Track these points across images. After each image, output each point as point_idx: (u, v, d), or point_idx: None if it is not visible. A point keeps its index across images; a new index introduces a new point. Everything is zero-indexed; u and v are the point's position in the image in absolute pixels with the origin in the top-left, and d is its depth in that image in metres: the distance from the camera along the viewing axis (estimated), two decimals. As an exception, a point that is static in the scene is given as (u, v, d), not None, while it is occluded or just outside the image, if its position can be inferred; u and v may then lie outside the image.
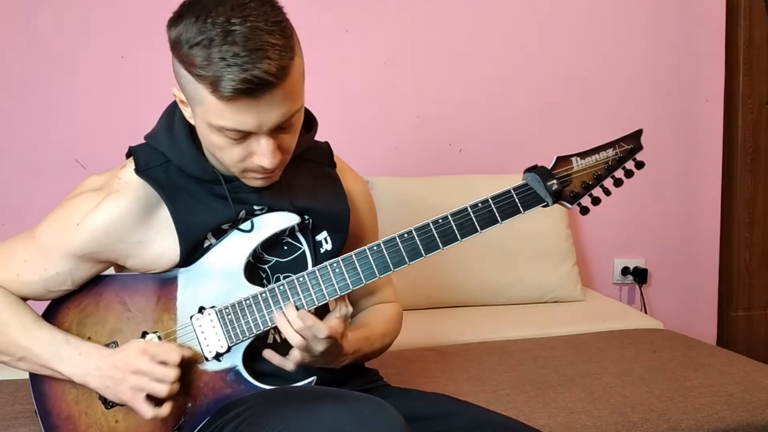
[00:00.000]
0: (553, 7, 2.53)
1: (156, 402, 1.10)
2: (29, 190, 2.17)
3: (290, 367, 1.13)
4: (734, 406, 1.52)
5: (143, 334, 1.15)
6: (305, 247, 1.20)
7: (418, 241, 1.12)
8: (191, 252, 1.14)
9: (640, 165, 1.20)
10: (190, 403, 1.14)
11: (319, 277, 1.12)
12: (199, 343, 1.14)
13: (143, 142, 1.18)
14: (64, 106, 2.19)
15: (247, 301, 1.13)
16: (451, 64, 2.46)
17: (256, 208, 1.15)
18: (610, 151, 1.19)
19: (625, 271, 2.69)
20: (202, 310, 1.15)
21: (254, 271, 1.18)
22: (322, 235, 1.22)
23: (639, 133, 1.21)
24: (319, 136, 1.26)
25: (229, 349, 1.14)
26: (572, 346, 1.87)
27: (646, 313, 2.58)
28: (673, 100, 2.66)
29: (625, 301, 2.73)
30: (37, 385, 1.18)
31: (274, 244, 1.19)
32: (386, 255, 1.12)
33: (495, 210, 1.12)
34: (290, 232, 1.20)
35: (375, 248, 1.12)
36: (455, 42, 2.45)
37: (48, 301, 1.19)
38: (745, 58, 2.67)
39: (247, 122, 1.00)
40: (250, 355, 1.15)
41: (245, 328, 1.13)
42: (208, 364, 1.15)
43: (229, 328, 1.13)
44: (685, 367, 1.71)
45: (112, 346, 1.15)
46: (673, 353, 1.82)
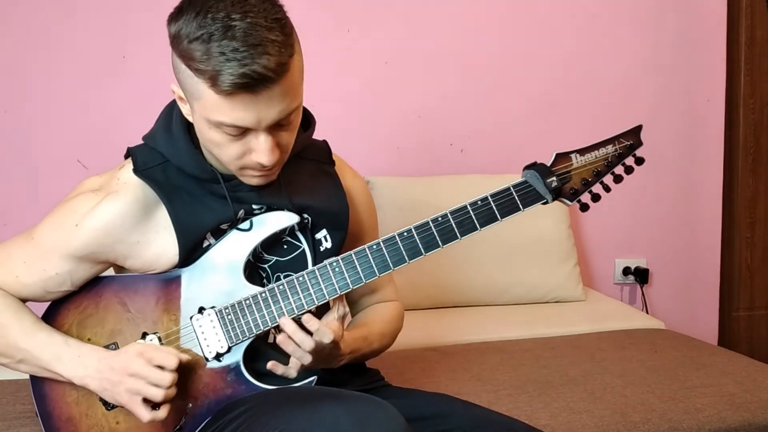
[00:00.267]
0: (554, 7, 2.53)
1: (154, 404, 1.09)
2: (31, 190, 2.17)
3: (293, 374, 1.13)
4: (735, 406, 1.51)
5: (143, 335, 1.15)
6: (305, 246, 1.20)
7: (418, 240, 1.11)
8: (190, 252, 1.13)
9: (639, 161, 1.20)
10: (191, 404, 1.14)
11: (319, 277, 1.12)
12: (199, 343, 1.14)
13: (141, 143, 1.18)
14: (66, 105, 2.19)
15: (247, 301, 1.13)
16: (453, 64, 2.45)
17: (254, 208, 1.15)
18: (610, 148, 1.18)
19: (627, 271, 2.68)
20: (201, 310, 1.14)
21: (254, 270, 1.17)
22: (322, 234, 1.22)
23: (638, 129, 1.20)
24: (319, 136, 1.26)
25: (230, 350, 1.14)
26: (573, 346, 1.87)
27: (647, 313, 2.57)
28: (675, 100, 2.66)
29: (627, 301, 2.73)
30: (37, 387, 1.18)
31: (273, 243, 1.18)
32: (386, 254, 1.11)
33: (494, 207, 1.12)
34: (290, 230, 1.19)
35: (375, 247, 1.12)
36: (456, 42, 2.45)
37: (48, 303, 1.19)
38: (747, 57, 2.67)
39: (246, 118, 1.00)
40: (250, 355, 1.15)
41: (245, 328, 1.13)
42: (208, 365, 1.14)
43: (229, 328, 1.13)
44: (686, 367, 1.71)
45: (112, 347, 1.15)
46: (675, 353, 1.82)
